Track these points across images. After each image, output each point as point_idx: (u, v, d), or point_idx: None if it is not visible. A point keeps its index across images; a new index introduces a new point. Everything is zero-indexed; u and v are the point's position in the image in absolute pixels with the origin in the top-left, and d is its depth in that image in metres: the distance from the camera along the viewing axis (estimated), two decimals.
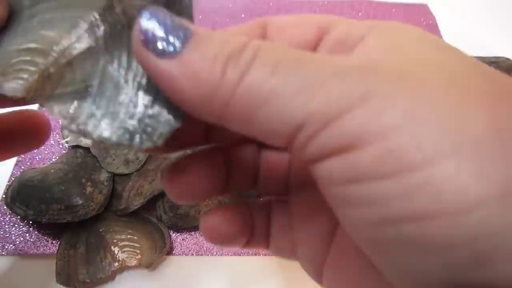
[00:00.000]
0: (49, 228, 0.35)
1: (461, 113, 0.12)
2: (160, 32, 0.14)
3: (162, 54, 0.14)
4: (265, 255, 0.35)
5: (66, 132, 0.40)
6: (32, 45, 0.16)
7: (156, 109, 0.16)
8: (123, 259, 0.33)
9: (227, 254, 0.35)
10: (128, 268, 0.33)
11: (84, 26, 0.17)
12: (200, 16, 0.54)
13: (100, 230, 0.34)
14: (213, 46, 0.14)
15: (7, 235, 0.35)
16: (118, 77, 0.16)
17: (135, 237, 0.34)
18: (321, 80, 0.13)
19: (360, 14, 0.57)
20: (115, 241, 0.34)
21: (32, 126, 0.23)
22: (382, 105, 0.12)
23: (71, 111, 0.16)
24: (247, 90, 0.13)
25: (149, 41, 0.14)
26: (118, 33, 0.17)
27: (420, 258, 0.12)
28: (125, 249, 0.33)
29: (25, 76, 0.16)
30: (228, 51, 0.13)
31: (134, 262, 0.33)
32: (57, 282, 0.31)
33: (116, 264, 0.33)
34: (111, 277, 0.33)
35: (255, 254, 0.35)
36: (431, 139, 0.12)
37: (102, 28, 0.17)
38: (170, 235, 0.36)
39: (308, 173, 0.15)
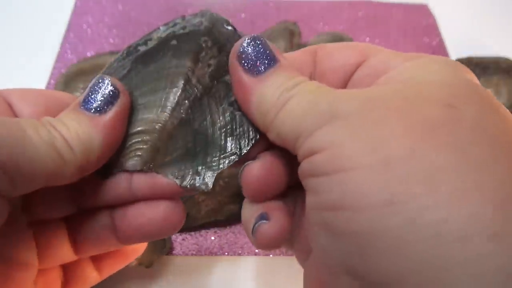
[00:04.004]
0: None
1: (385, 138, 0.16)
2: (252, 55, 0.19)
3: (248, 71, 0.19)
4: (265, 255, 0.35)
5: None
6: (140, 128, 0.21)
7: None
8: None
9: (227, 254, 0.35)
10: (128, 268, 0.33)
11: (172, 104, 0.21)
12: None
13: None
14: (281, 78, 0.19)
15: None
16: (208, 133, 0.21)
17: None
18: (317, 106, 0.18)
19: (360, 14, 0.57)
20: None
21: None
22: (339, 124, 0.17)
23: (180, 172, 0.21)
24: (285, 111, 0.18)
25: (242, 58, 0.19)
26: (199, 100, 0.21)
27: (330, 242, 0.16)
28: None
29: (140, 153, 0.21)
30: (287, 85, 0.19)
31: (134, 262, 0.33)
32: None
33: None
34: (111, 277, 0.33)
35: (255, 255, 0.35)
36: (358, 153, 0.16)
37: (186, 102, 0.21)
38: (170, 235, 0.36)
39: None
